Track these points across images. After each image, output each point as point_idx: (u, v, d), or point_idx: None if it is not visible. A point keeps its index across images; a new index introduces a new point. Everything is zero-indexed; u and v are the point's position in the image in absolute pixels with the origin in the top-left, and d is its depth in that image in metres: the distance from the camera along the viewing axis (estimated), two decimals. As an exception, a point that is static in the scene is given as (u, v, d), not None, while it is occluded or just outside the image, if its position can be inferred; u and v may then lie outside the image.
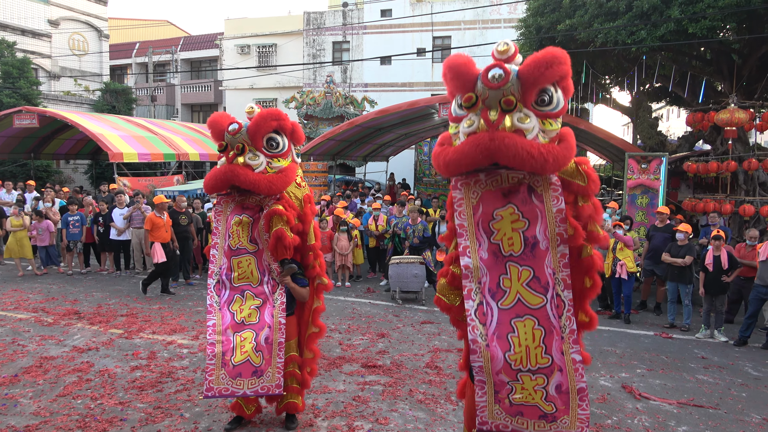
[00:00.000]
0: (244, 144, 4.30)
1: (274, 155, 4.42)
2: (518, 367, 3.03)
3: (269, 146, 4.40)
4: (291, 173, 4.48)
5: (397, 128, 17.81)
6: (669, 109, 35.74)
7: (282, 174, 4.40)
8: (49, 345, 7.05)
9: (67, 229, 11.47)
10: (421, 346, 7.36)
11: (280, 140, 4.46)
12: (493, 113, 2.83)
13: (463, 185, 3.20)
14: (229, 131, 4.32)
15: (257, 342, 4.40)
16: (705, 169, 10.98)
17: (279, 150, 4.44)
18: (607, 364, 6.86)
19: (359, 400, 5.58)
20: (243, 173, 4.20)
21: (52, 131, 19.12)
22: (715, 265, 7.97)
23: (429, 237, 10.26)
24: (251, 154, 4.31)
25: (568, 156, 2.92)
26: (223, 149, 4.35)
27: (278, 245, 4.37)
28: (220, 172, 4.29)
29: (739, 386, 6.28)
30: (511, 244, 3.07)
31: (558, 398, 3.03)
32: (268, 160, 4.37)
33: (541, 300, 3.03)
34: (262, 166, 4.32)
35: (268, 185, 4.26)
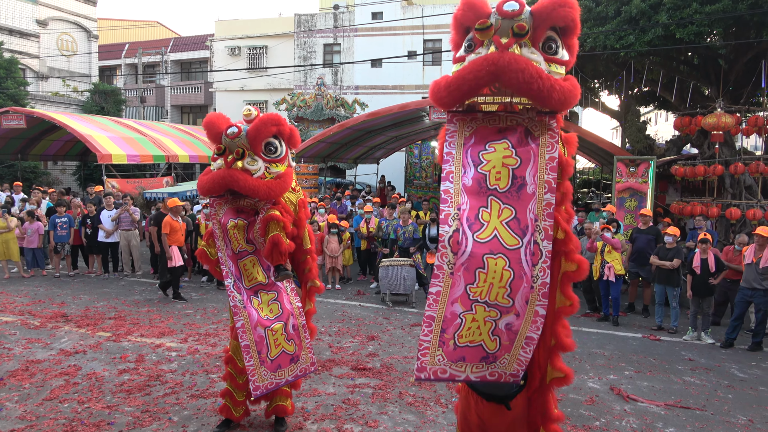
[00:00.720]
0: (244, 149, 4.27)
1: (273, 160, 4.40)
2: (476, 297, 2.92)
3: (268, 151, 4.39)
4: (288, 179, 4.48)
5: (388, 131, 17.82)
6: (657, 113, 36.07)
7: (280, 180, 4.39)
8: (36, 348, 6.98)
9: (54, 231, 11.37)
10: (411, 348, 7.37)
11: (279, 145, 4.45)
12: (505, 39, 2.83)
13: (458, 120, 3.14)
14: (228, 135, 4.29)
15: (287, 332, 4.53)
16: (692, 172, 11.08)
17: (277, 155, 4.43)
18: (596, 366, 6.90)
19: (349, 403, 5.57)
20: (242, 178, 4.19)
21: (40, 132, 18.94)
22: (703, 267, 8.05)
23: (419, 239, 10.27)
24: (250, 159, 4.29)
25: (573, 93, 2.92)
26: (221, 153, 4.31)
27: (274, 251, 4.35)
28: (219, 176, 4.25)
29: (725, 388, 6.34)
30: (498, 178, 2.99)
31: (505, 333, 2.94)
32: (266, 165, 4.35)
33: (517, 242, 2.93)
34: (260, 171, 4.30)
35: (266, 191, 4.26)
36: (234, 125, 4.33)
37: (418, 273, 9.85)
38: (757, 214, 9.78)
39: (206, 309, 9.09)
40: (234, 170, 4.21)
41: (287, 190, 4.50)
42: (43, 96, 26.52)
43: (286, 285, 4.68)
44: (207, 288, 10.77)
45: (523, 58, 2.78)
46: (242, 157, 4.24)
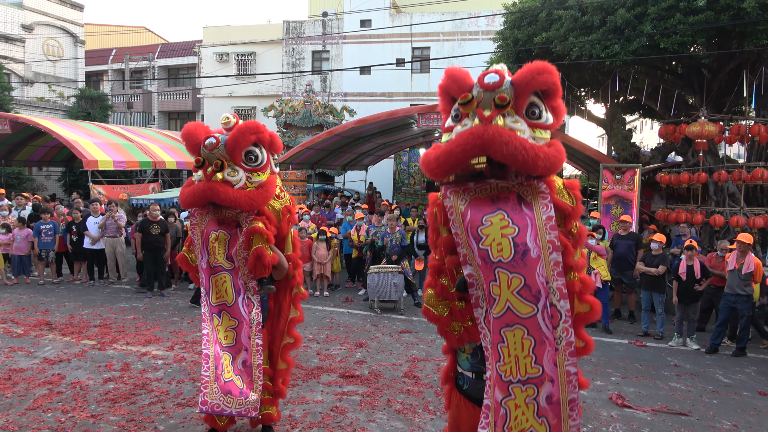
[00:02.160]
0: (223, 160, 4.19)
1: (254, 169, 4.31)
2: (509, 378, 2.94)
3: (248, 160, 4.30)
4: (271, 187, 4.41)
5: (377, 138, 17.88)
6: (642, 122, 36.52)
7: (262, 189, 4.31)
8: (19, 357, 6.88)
9: (39, 238, 11.24)
10: (399, 355, 7.36)
11: (259, 153, 4.37)
12: (488, 111, 2.92)
13: (453, 193, 3.15)
14: (206, 146, 4.19)
15: (234, 366, 4.34)
16: (677, 180, 11.23)
17: (258, 164, 4.35)
18: (583, 372, 6.92)
19: (337, 410, 5.55)
20: (223, 191, 4.11)
21: (25, 137, 18.75)
22: (688, 274, 8.14)
23: (407, 246, 10.28)
24: (230, 170, 4.21)
25: (558, 158, 2.97)
26: (201, 165, 4.23)
27: (257, 264, 4.31)
28: (199, 190, 4.16)
29: (710, 393, 6.40)
30: (500, 249, 2.98)
31: (549, 410, 2.94)
32: (247, 174, 4.27)
33: (532, 309, 2.93)
34: (241, 182, 4.22)
35: (248, 202, 4.19)
36: (212, 136, 4.24)
37: (406, 280, 9.86)
38: (740, 221, 9.92)
39: (193, 317, 9.02)
40: (214, 182, 4.12)
41: (270, 199, 4.43)
42: (29, 101, 26.26)
43: (252, 318, 4.46)
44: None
45: (506, 130, 2.84)
46: (222, 168, 4.15)
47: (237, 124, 4.37)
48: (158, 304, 9.89)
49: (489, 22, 24.69)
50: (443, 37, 26.29)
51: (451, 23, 26.11)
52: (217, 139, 4.20)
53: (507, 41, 12.91)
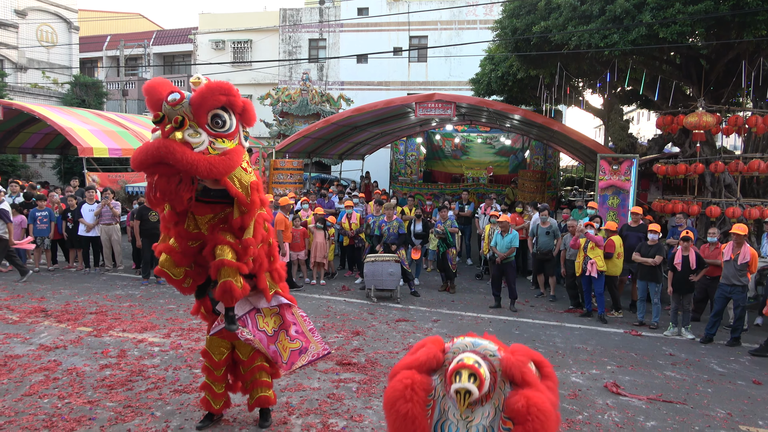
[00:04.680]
0: (185, 117, 3.72)
1: (219, 135, 3.86)
2: None
3: (214, 124, 3.85)
4: (237, 156, 3.94)
5: (373, 127, 17.80)
6: (639, 112, 36.51)
7: (226, 156, 3.84)
8: (15, 343, 6.85)
9: (34, 225, 11.17)
10: (395, 343, 7.37)
11: (228, 118, 3.91)
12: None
13: None
14: (169, 101, 3.73)
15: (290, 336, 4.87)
16: (674, 171, 11.23)
17: (225, 129, 3.90)
18: (578, 361, 6.97)
19: (334, 397, 5.56)
20: (180, 150, 3.60)
21: (19, 124, 18.57)
22: (684, 264, 8.17)
23: (404, 234, 10.28)
24: (192, 130, 3.73)
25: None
26: (159, 120, 3.75)
27: (224, 296, 4.14)
28: (152, 146, 3.66)
29: (705, 382, 6.45)
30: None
31: None
32: (211, 139, 3.81)
33: None
34: (203, 145, 3.76)
35: (207, 167, 3.70)
36: (177, 91, 3.79)
37: (402, 269, 9.86)
38: (736, 212, 9.95)
39: (189, 304, 8.96)
40: (171, 140, 3.64)
41: (234, 169, 3.92)
42: (22, 88, 26.01)
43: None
44: (190, 283, 10.65)
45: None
46: (182, 126, 3.69)
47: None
48: (154, 291, 9.87)
49: (487, 11, 24.56)
50: (441, 25, 26.15)
51: (449, 11, 25.95)
52: (182, 95, 3.76)
53: (505, 30, 12.82)
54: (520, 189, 18.59)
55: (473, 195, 17.35)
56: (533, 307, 9.69)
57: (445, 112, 13.39)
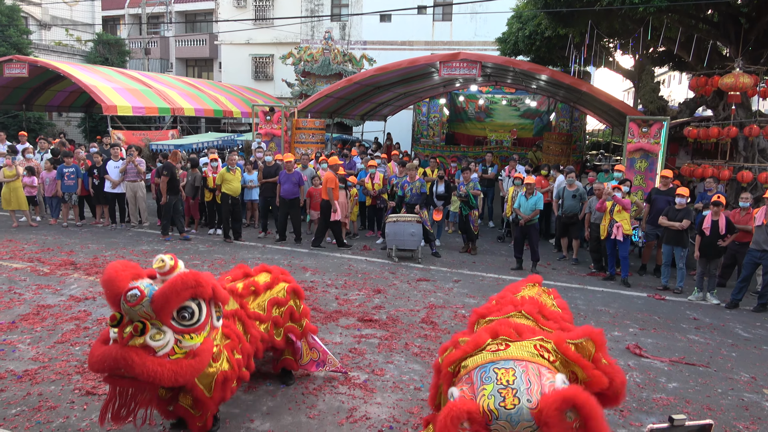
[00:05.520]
0: (146, 320, 3.27)
1: (186, 330, 3.40)
2: None
3: (181, 318, 3.38)
4: (205, 356, 3.47)
5: (396, 87, 17.55)
6: (671, 75, 35.39)
7: (194, 360, 3.38)
8: (46, 294, 7.06)
9: (62, 181, 11.36)
10: (416, 302, 7.42)
11: (196, 309, 3.43)
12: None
13: None
14: (127, 300, 3.25)
15: None
16: (705, 134, 10.90)
17: (193, 323, 3.42)
18: (600, 323, 6.94)
19: (356, 352, 5.64)
20: (139, 362, 3.16)
21: (44, 82, 18.73)
22: (713, 229, 7.99)
23: (425, 194, 10.22)
24: (155, 330, 3.28)
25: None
26: (117, 323, 3.27)
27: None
28: (110, 356, 3.18)
29: (729, 346, 6.38)
30: None
31: None
32: (177, 337, 3.36)
33: None
34: (167, 347, 3.30)
35: (172, 377, 3.26)
36: (136, 287, 3.28)
37: (424, 229, 9.84)
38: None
39: (213, 261, 9.14)
40: (129, 349, 3.19)
41: (202, 370, 3.48)
42: (46, 45, 26.12)
43: None
44: (214, 240, 10.81)
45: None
46: (143, 332, 3.23)
47: (174, 268, 3.46)
48: (179, 247, 10.03)
49: (515, -32, 23.68)
50: (467, -17, 25.34)
51: (475, -32, 25.10)
52: (142, 292, 3.26)
53: (535, -14, 12.40)
54: (545, 152, 18.29)
55: (496, 158, 17.12)
56: (555, 270, 9.64)
57: (470, 71, 13.10)
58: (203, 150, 14.39)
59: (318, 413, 4.43)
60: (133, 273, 3.42)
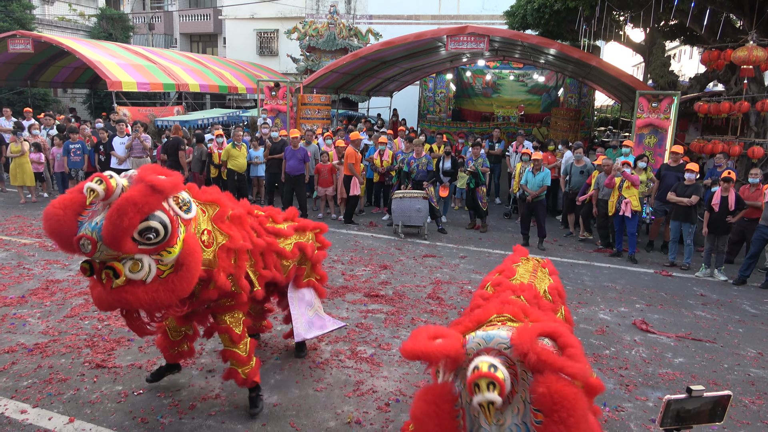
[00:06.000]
0: (113, 263, 2.94)
1: (160, 247, 3.03)
2: None
3: (147, 240, 2.96)
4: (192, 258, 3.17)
5: (402, 62, 17.35)
6: (681, 50, 34.81)
7: (183, 271, 3.13)
8: (55, 269, 7.11)
9: (68, 157, 11.36)
10: (423, 278, 7.43)
11: (158, 225, 2.97)
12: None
13: None
14: (85, 254, 2.93)
15: None
16: (716, 109, 10.73)
17: (162, 238, 3.01)
18: (607, 299, 6.94)
19: (362, 327, 5.67)
20: (134, 300, 3.00)
21: (48, 58, 18.63)
22: (722, 205, 7.92)
23: (432, 171, 10.16)
24: (130, 263, 2.97)
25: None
26: (90, 273, 3.00)
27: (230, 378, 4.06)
28: (106, 301, 3.01)
29: (736, 322, 6.37)
30: None
31: None
32: (155, 258, 3.05)
33: None
34: (152, 271, 3.04)
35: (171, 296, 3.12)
36: (83, 237, 2.88)
37: (430, 205, 9.80)
38: (780, 153, 9.53)
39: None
40: (118, 290, 2.97)
41: (197, 278, 3.26)
42: (50, 21, 25.90)
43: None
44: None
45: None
46: (117, 275, 2.94)
47: (110, 191, 2.91)
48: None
49: (524, -61, 23.13)
50: (475, -46, 24.84)
51: (483, -61, 24.58)
52: (92, 239, 2.86)
53: (545, -43, 12.10)
54: (553, 128, 18.11)
55: (503, 134, 16.98)
56: (562, 247, 9.61)
57: (477, 45, 12.91)
58: (208, 127, 14.34)
59: (325, 386, 4.47)
60: (75, 210, 2.97)
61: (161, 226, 2.98)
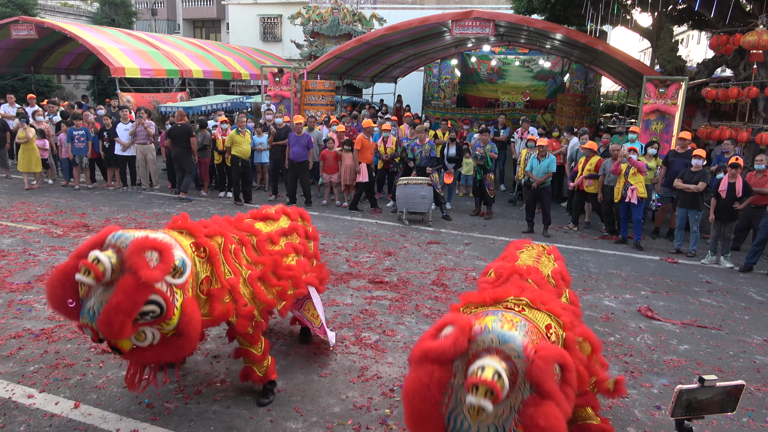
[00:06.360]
0: (117, 343, 3.05)
1: (159, 320, 3.08)
2: None
3: (145, 318, 3.03)
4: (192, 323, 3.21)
5: (407, 47, 17.21)
6: (689, 35, 34.40)
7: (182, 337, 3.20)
8: (60, 255, 7.13)
9: (72, 144, 11.35)
10: (427, 264, 7.42)
11: (154, 307, 3.01)
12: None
13: None
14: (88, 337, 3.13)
15: None
16: (725, 95, 10.60)
17: (159, 314, 3.05)
18: (612, 285, 6.92)
19: (367, 313, 5.67)
20: (143, 357, 3.24)
21: (51, 44, 18.56)
22: (729, 192, 7.85)
23: (436, 157, 10.11)
24: (133, 337, 3.09)
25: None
26: (99, 340, 3.07)
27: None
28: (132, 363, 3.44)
29: (742, 309, 6.34)
30: None
31: None
32: (157, 328, 3.13)
33: None
34: (157, 336, 3.17)
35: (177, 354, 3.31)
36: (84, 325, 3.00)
37: (435, 192, 9.77)
38: (789, 140, 9.43)
39: (224, 223, 9.15)
40: (129, 354, 3.20)
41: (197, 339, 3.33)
42: (52, 6, 25.78)
43: None
44: (225, 203, 10.83)
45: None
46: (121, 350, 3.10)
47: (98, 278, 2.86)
48: (190, 210, 10.05)
49: None
50: (480, -62, 24.52)
51: None
52: (92, 330, 2.96)
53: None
54: (558, 114, 17.98)
55: (509, 120, 16.87)
56: (567, 233, 9.57)
57: (483, 30, 12.77)
58: (211, 114, 14.29)
59: (330, 372, 4.48)
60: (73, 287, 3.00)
61: (157, 306, 3.03)
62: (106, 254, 2.94)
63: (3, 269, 6.51)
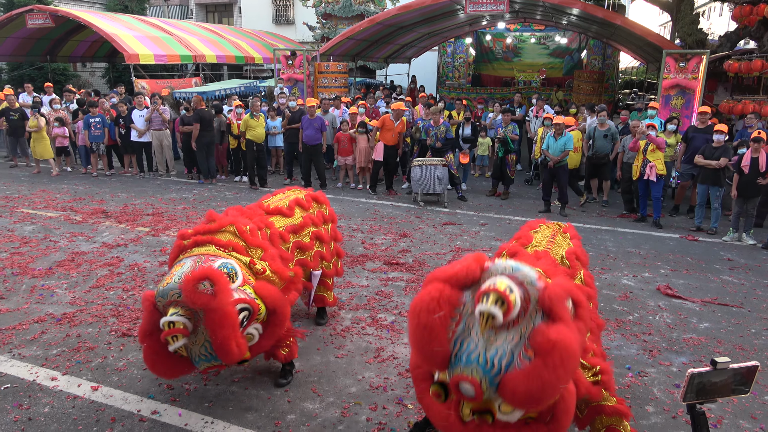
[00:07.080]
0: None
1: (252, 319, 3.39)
2: None
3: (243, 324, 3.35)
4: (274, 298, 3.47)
5: (420, 27, 17.00)
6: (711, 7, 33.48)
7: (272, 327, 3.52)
8: (80, 241, 7.24)
9: (89, 131, 11.46)
10: (443, 245, 7.39)
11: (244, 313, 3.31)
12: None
13: None
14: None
15: None
16: (747, 68, 10.33)
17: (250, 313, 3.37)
18: (630, 264, 6.83)
19: (382, 294, 5.68)
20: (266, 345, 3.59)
21: (66, 32, 18.64)
22: (752, 167, 7.66)
23: (452, 139, 10.01)
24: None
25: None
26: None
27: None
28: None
29: (764, 287, 6.22)
30: None
31: None
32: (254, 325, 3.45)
33: None
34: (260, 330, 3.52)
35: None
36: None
37: (450, 173, 9.69)
38: (815, 112, 9.16)
39: (240, 207, 9.20)
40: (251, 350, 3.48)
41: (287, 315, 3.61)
42: (66, -6, 25.81)
43: None
44: (240, 187, 10.88)
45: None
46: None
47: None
48: (207, 195, 10.13)
49: None
50: None
51: None
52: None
53: None
54: (575, 91, 17.69)
55: (525, 98, 16.64)
56: (584, 212, 9.45)
57: (497, 7, 12.55)
58: (225, 98, 14.30)
59: (346, 353, 4.50)
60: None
61: (245, 311, 3.27)
62: None
63: (25, 255, 6.63)
